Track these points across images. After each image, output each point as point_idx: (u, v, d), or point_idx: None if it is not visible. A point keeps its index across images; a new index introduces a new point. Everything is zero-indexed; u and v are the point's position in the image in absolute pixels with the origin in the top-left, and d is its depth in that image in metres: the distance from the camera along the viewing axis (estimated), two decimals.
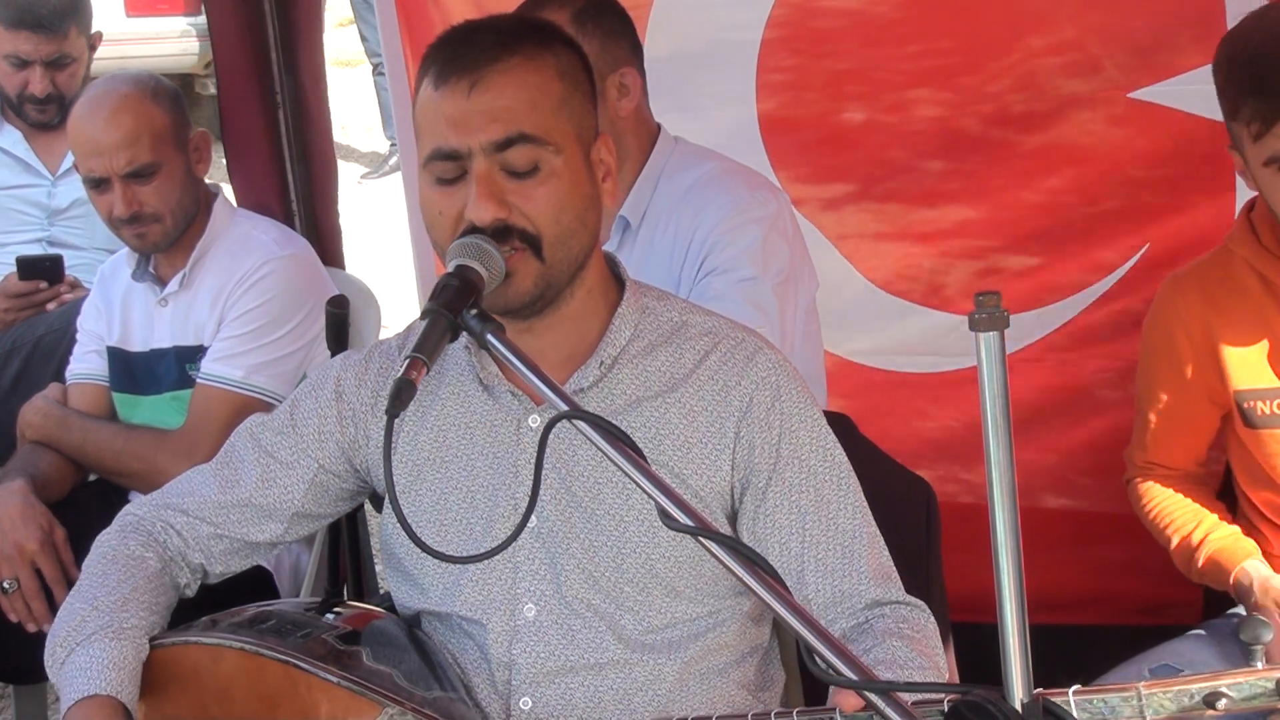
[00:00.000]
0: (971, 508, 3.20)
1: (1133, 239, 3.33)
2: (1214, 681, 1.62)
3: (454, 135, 1.91)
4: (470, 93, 1.91)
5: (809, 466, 2.04)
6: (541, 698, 2.02)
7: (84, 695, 1.93)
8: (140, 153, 3.03)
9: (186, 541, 2.17)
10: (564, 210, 1.94)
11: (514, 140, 1.90)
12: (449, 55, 1.94)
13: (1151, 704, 1.63)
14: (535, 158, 1.92)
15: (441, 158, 1.93)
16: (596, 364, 2.03)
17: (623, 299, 2.08)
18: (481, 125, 1.90)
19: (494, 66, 1.92)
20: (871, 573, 2.02)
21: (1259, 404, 2.56)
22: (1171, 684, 1.64)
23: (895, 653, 1.90)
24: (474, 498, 2.07)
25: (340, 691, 1.95)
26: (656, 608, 2.02)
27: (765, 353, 2.08)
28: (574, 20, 2.79)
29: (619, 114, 2.85)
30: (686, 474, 2.02)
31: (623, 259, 2.17)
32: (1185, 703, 1.63)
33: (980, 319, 1.36)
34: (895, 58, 3.42)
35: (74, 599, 2.08)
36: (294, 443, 2.17)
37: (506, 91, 1.91)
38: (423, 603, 2.12)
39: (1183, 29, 3.19)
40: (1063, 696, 1.63)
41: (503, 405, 2.08)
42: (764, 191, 2.88)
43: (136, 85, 3.09)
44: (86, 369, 3.27)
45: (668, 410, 2.03)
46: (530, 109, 1.92)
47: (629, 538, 2.01)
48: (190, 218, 3.13)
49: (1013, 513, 1.38)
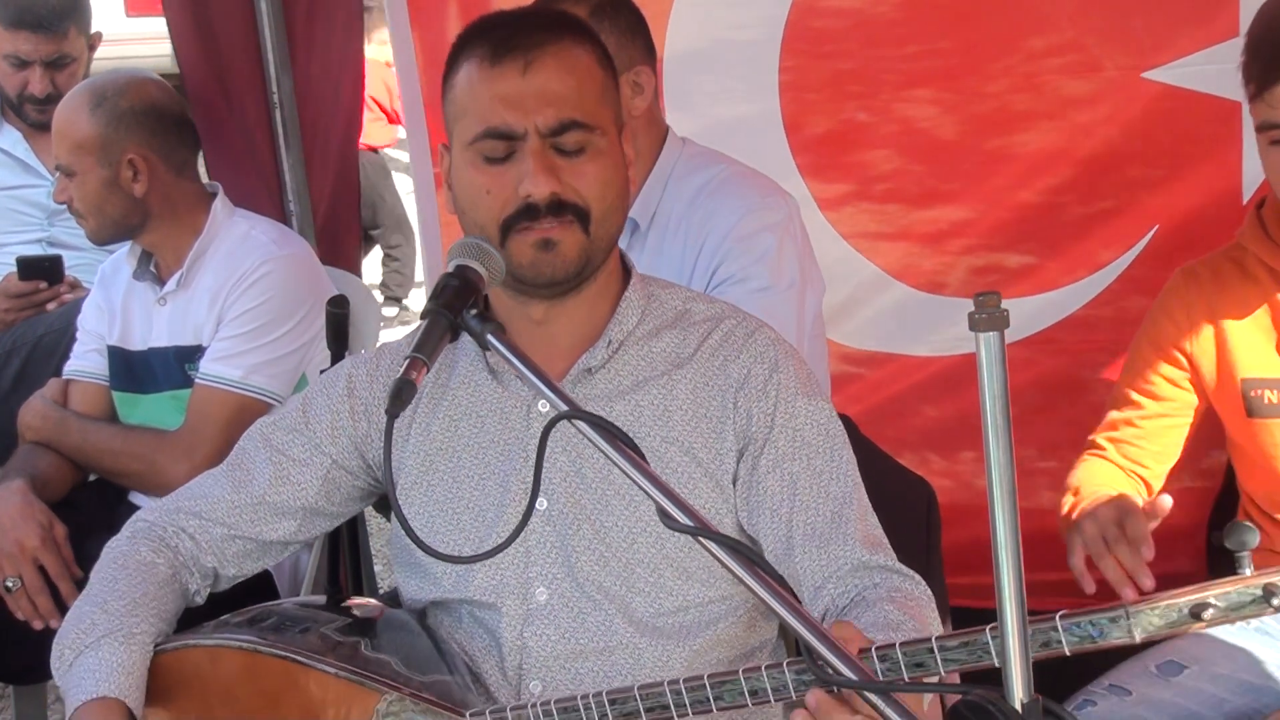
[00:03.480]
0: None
1: (1132, 237, 3.33)
2: (1201, 594, 1.61)
3: (510, 115, 1.95)
4: (525, 72, 1.95)
5: (802, 436, 2.06)
6: (552, 682, 2.04)
7: (90, 697, 1.94)
8: (60, 153, 3.13)
9: (199, 545, 2.18)
10: (609, 187, 2.00)
11: (567, 126, 1.95)
12: (500, 36, 1.98)
13: (1140, 622, 1.63)
14: (584, 140, 1.97)
15: (494, 136, 1.96)
16: (605, 344, 2.07)
17: (629, 285, 2.11)
18: (536, 107, 1.95)
19: (546, 49, 1.96)
20: (860, 538, 2.02)
21: (1266, 392, 2.56)
22: (1159, 599, 1.63)
23: (888, 615, 1.88)
24: (486, 484, 2.09)
25: (339, 682, 1.96)
26: (668, 589, 2.04)
27: (765, 331, 2.12)
28: (591, 17, 2.79)
29: (632, 113, 2.84)
30: (696, 449, 2.04)
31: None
32: (1173, 617, 1.62)
33: (980, 319, 1.36)
34: (895, 58, 3.42)
35: (83, 602, 2.09)
36: (307, 439, 2.19)
37: (558, 74, 1.96)
38: (434, 593, 2.13)
39: (1184, 28, 3.20)
40: (1049, 621, 1.64)
41: (512, 391, 2.10)
42: (775, 196, 2.88)
43: (89, 91, 3.14)
44: (86, 366, 3.27)
45: (674, 387, 2.06)
46: (580, 95, 1.97)
47: (640, 518, 2.03)
48: (128, 226, 3.14)
49: (1013, 513, 1.38)
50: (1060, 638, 1.64)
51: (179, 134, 3.19)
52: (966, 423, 3.50)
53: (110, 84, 3.15)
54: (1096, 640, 1.64)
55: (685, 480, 2.03)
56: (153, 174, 3.11)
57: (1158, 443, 2.63)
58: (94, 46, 4.23)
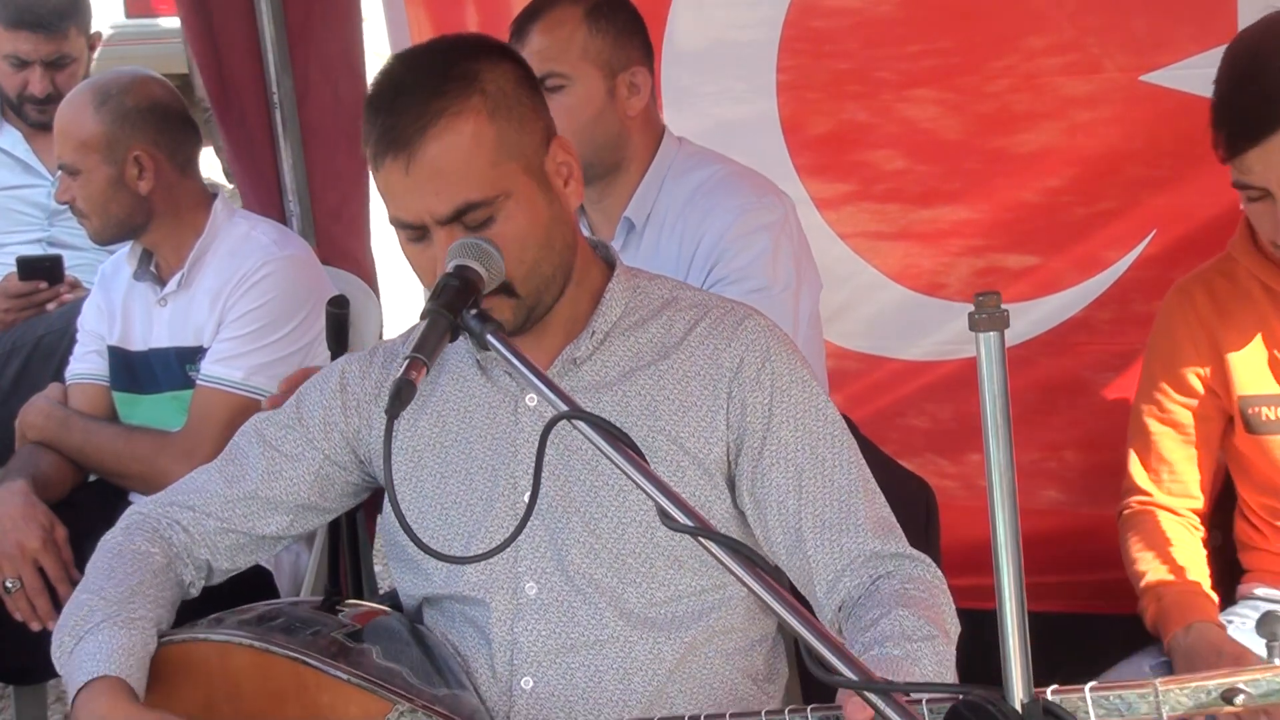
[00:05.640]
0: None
1: (1133, 238, 3.32)
2: (1232, 678, 1.62)
3: (406, 211, 1.96)
4: (408, 170, 1.93)
5: (804, 425, 2.05)
6: (543, 677, 2.04)
7: (92, 676, 1.94)
8: (64, 152, 3.12)
9: (193, 537, 2.18)
10: (526, 247, 1.97)
11: (462, 210, 1.93)
12: (383, 128, 1.95)
13: (1168, 700, 1.63)
14: (488, 214, 1.95)
15: (402, 226, 1.98)
16: (589, 336, 2.07)
17: (613, 278, 2.11)
18: (426, 200, 1.94)
19: (424, 136, 1.92)
20: (871, 526, 2.02)
21: (1263, 409, 2.56)
22: (1188, 680, 1.64)
23: (902, 623, 1.88)
24: (473, 479, 2.10)
25: (350, 689, 1.96)
26: (660, 579, 2.04)
27: (754, 318, 2.11)
28: (587, 17, 2.80)
29: (628, 113, 2.85)
30: (684, 438, 2.04)
31: (627, 260, 2.18)
32: (1203, 699, 1.63)
33: (980, 319, 1.36)
34: (895, 58, 3.42)
35: (80, 592, 2.09)
36: (299, 435, 2.19)
37: (441, 161, 1.93)
38: (426, 588, 2.14)
39: (1184, 27, 3.19)
40: (1078, 693, 1.63)
41: (500, 386, 2.11)
42: (770, 196, 2.88)
43: (93, 89, 3.14)
44: (87, 369, 3.27)
45: (662, 377, 2.06)
46: (467, 174, 1.93)
47: (629, 508, 2.03)
48: (131, 225, 3.14)
49: (1013, 513, 1.38)
50: (1088, 709, 1.64)
51: (183, 132, 3.19)
52: (966, 424, 3.50)
53: (114, 82, 3.15)
54: (1124, 714, 1.64)
55: (674, 470, 2.03)
56: (158, 171, 3.11)
57: (1195, 469, 2.64)
58: (94, 46, 4.23)
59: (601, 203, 2.90)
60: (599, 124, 2.80)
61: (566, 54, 2.78)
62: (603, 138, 2.81)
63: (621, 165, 2.88)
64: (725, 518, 2.07)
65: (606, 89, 2.82)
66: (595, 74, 2.81)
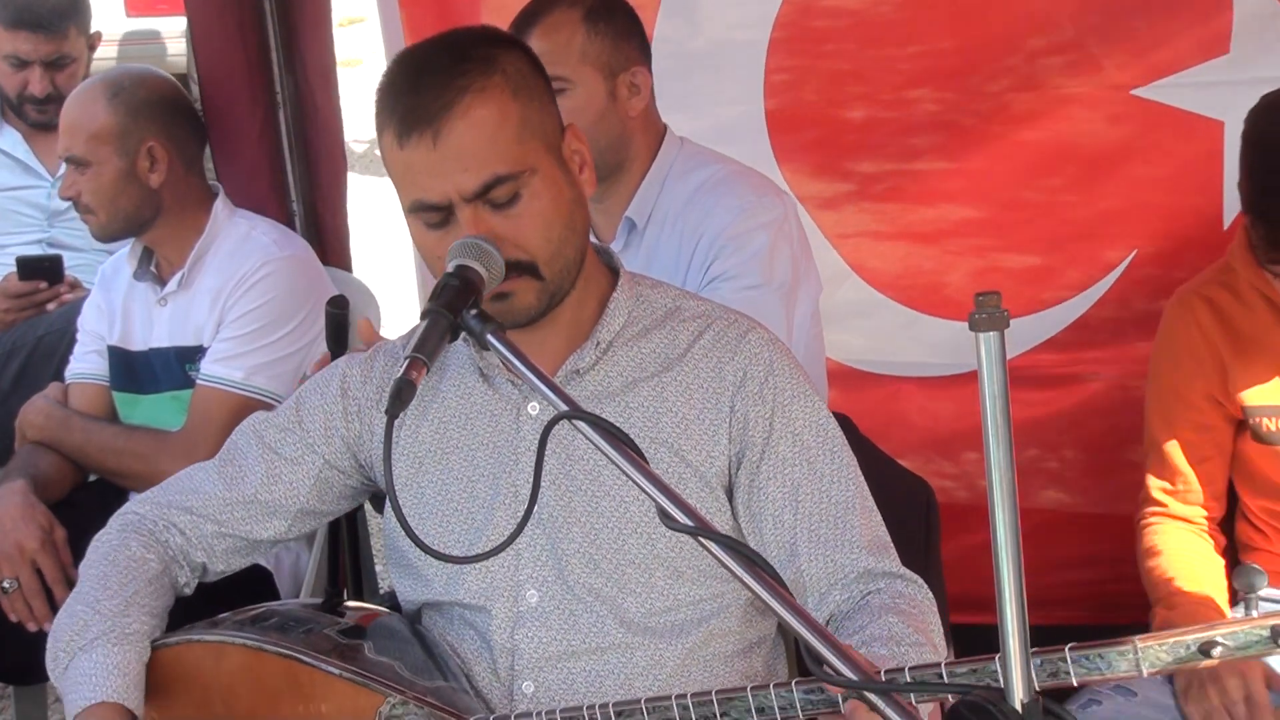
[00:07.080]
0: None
1: (1134, 238, 3.33)
2: (1209, 632, 1.64)
3: (431, 189, 1.93)
4: (435, 145, 1.91)
5: (802, 440, 2.05)
6: (544, 682, 2.04)
7: (90, 703, 1.94)
8: (74, 144, 3.10)
9: (189, 540, 2.18)
10: (551, 225, 1.97)
11: (490, 185, 1.92)
12: (406, 108, 1.93)
13: (1147, 657, 1.66)
14: (514, 189, 1.94)
15: (424, 209, 1.95)
16: (593, 346, 2.06)
17: (617, 286, 2.10)
18: (454, 175, 1.91)
19: (450, 113, 1.91)
20: (865, 544, 2.02)
21: (1265, 420, 2.57)
22: (1166, 636, 1.66)
23: (891, 628, 1.89)
24: (475, 487, 2.09)
25: (342, 684, 1.96)
26: (659, 589, 2.04)
27: (758, 331, 2.11)
28: (585, 19, 2.80)
29: (629, 113, 2.85)
30: (686, 450, 2.04)
31: (628, 260, 2.18)
32: (1181, 654, 1.65)
33: (980, 319, 1.36)
34: (895, 58, 3.42)
35: (74, 602, 2.08)
36: (299, 439, 2.18)
37: (468, 136, 1.91)
38: (426, 594, 2.13)
39: (1184, 27, 3.19)
40: (1059, 653, 1.66)
41: (502, 394, 2.10)
42: (770, 195, 2.88)
43: (104, 82, 3.14)
44: (87, 368, 3.27)
45: (664, 389, 2.06)
46: (496, 147, 1.92)
47: (630, 519, 2.03)
48: (139, 221, 3.13)
49: (1013, 513, 1.38)
50: (1069, 668, 1.66)
51: (191, 129, 3.21)
52: (966, 424, 3.50)
53: (125, 75, 3.16)
54: (1104, 673, 1.66)
55: (675, 481, 2.02)
56: (169, 165, 3.11)
57: (1208, 479, 2.65)
58: (94, 46, 4.23)
59: (603, 203, 2.90)
60: (601, 126, 2.80)
61: (566, 57, 2.78)
62: (605, 139, 2.81)
63: (623, 165, 2.88)
64: (726, 530, 2.06)
65: (607, 90, 2.82)
66: (596, 76, 2.81)
